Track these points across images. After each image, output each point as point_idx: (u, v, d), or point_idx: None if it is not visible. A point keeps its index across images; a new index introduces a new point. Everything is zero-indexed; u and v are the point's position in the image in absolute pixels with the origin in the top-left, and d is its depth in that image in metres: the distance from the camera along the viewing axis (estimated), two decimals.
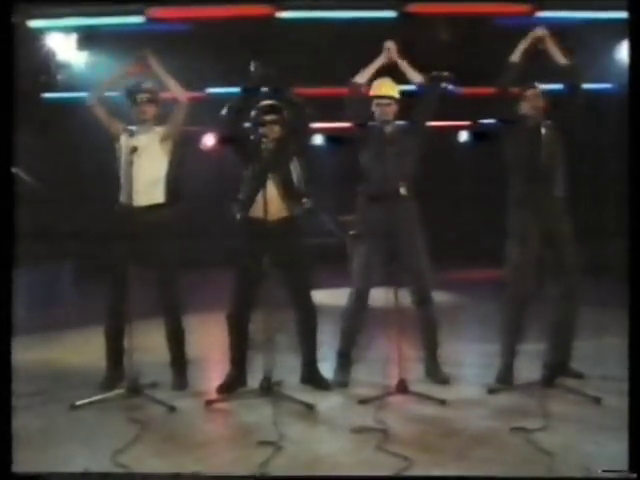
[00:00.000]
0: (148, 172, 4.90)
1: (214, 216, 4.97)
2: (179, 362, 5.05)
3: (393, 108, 5.13)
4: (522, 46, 5.11)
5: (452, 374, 5.11)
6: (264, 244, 4.74)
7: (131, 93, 5.07)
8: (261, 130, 4.93)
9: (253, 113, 5.02)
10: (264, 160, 4.79)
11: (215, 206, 4.99)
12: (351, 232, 8.01)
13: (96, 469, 3.63)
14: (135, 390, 4.64)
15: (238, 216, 4.89)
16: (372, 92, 5.15)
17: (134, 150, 4.69)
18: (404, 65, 5.20)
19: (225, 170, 5.18)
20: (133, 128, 5.02)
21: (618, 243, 4.18)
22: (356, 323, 5.10)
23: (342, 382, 5.01)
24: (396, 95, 5.15)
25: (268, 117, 4.93)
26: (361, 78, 5.15)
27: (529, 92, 5.05)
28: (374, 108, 5.13)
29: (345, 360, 5.12)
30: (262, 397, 4.57)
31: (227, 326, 4.90)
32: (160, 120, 5.12)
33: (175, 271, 5.07)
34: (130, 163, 4.72)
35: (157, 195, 4.98)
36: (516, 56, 5.11)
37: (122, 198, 4.91)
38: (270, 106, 4.99)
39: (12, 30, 3.53)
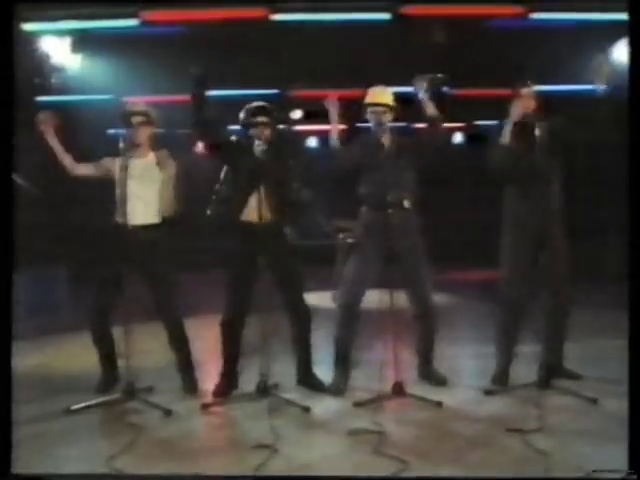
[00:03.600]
0: (143, 192, 4.89)
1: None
2: (186, 367, 5.05)
3: (388, 116, 4.99)
4: (509, 126, 4.87)
5: (448, 376, 5.10)
6: (257, 247, 4.72)
7: (125, 116, 4.94)
8: (251, 132, 4.86)
9: (242, 115, 4.95)
10: (257, 162, 4.68)
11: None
12: (349, 240, 7.96)
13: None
14: (131, 394, 4.62)
15: (222, 219, 4.86)
16: (366, 100, 5.02)
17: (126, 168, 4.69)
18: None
19: (219, 172, 5.14)
20: (124, 147, 4.77)
21: (618, 244, 4.18)
22: (350, 332, 5.01)
23: (338, 390, 4.92)
24: (391, 103, 5.01)
25: (258, 119, 4.86)
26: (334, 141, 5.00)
27: (522, 92, 4.91)
28: (369, 116, 5.00)
29: (341, 368, 5.05)
30: (258, 400, 4.56)
31: (221, 331, 4.87)
32: (154, 142, 5.10)
33: (172, 287, 5.06)
34: (124, 182, 4.70)
35: (152, 215, 4.95)
36: (505, 138, 4.86)
37: (117, 217, 4.85)
38: (259, 107, 4.92)
39: (12, 34, 3.52)
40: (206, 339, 5.21)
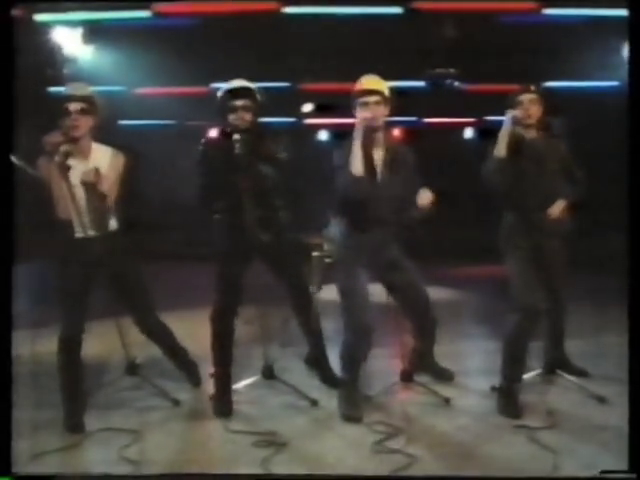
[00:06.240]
0: (92, 199, 4.18)
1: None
2: (184, 364, 4.91)
3: (382, 110, 4.23)
4: (504, 138, 4.29)
5: (455, 371, 5.08)
6: (248, 247, 4.39)
7: (61, 101, 4.19)
8: (230, 117, 4.29)
9: (220, 95, 4.35)
10: (235, 157, 4.19)
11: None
12: (326, 260, 7.73)
13: (101, 463, 3.68)
14: (133, 372, 4.67)
15: (221, 222, 4.46)
16: (356, 88, 4.28)
17: (68, 168, 4.00)
18: None
19: None
20: (66, 148, 4.03)
21: (618, 241, 4.13)
22: (360, 353, 4.42)
23: (354, 417, 4.26)
24: (386, 92, 4.25)
25: (239, 102, 4.26)
26: None
27: (523, 97, 4.37)
28: (359, 109, 4.21)
29: (352, 391, 4.42)
30: (266, 390, 4.65)
31: (211, 327, 4.50)
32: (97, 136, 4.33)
33: (148, 298, 4.58)
34: (72, 190, 4.04)
35: (107, 223, 4.30)
36: (500, 150, 4.29)
37: (77, 233, 4.18)
38: (242, 89, 4.33)
39: (12, 24, 3.50)
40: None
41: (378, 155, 4.28)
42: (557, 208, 4.43)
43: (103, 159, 4.28)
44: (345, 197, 4.31)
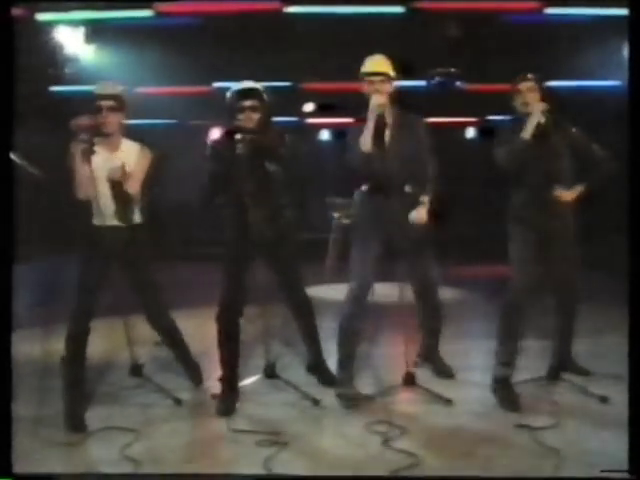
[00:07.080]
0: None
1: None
2: (186, 360, 4.95)
3: (387, 87, 4.48)
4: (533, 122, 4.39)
5: (457, 371, 5.09)
6: (251, 246, 4.45)
7: (93, 99, 4.39)
8: (238, 117, 4.40)
9: (228, 96, 4.48)
10: (240, 157, 4.26)
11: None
12: (344, 220, 7.99)
13: (103, 462, 3.68)
14: (137, 373, 4.68)
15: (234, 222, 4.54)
16: (362, 69, 4.55)
17: (92, 153, 4.18)
18: None
19: None
20: (93, 139, 4.21)
21: (619, 241, 4.12)
22: (356, 325, 4.64)
23: (348, 403, 4.46)
24: (390, 72, 4.50)
25: (247, 102, 4.38)
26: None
27: (522, 85, 4.50)
28: (367, 88, 4.47)
29: (346, 369, 4.66)
30: (268, 389, 4.65)
31: (217, 327, 4.55)
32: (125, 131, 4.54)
33: (158, 291, 4.68)
34: (94, 180, 4.23)
35: (134, 216, 4.48)
36: (527, 133, 4.38)
37: (95, 220, 4.42)
38: (250, 90, 4.45)
39: (13, 24, 3.50)
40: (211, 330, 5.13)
41: (387, 128, 4.49)
42: (570, 193, 4.50)
43: (131, 154, 4.47)
44: (358, 170, 4.58)
